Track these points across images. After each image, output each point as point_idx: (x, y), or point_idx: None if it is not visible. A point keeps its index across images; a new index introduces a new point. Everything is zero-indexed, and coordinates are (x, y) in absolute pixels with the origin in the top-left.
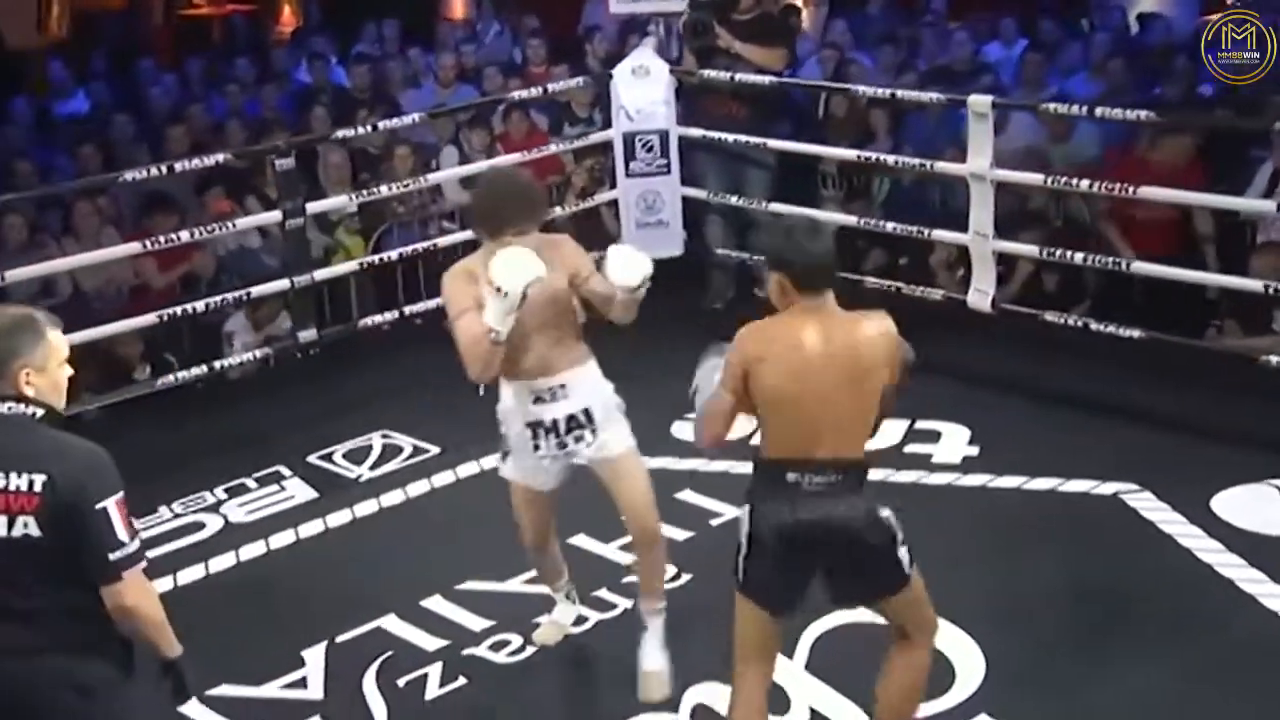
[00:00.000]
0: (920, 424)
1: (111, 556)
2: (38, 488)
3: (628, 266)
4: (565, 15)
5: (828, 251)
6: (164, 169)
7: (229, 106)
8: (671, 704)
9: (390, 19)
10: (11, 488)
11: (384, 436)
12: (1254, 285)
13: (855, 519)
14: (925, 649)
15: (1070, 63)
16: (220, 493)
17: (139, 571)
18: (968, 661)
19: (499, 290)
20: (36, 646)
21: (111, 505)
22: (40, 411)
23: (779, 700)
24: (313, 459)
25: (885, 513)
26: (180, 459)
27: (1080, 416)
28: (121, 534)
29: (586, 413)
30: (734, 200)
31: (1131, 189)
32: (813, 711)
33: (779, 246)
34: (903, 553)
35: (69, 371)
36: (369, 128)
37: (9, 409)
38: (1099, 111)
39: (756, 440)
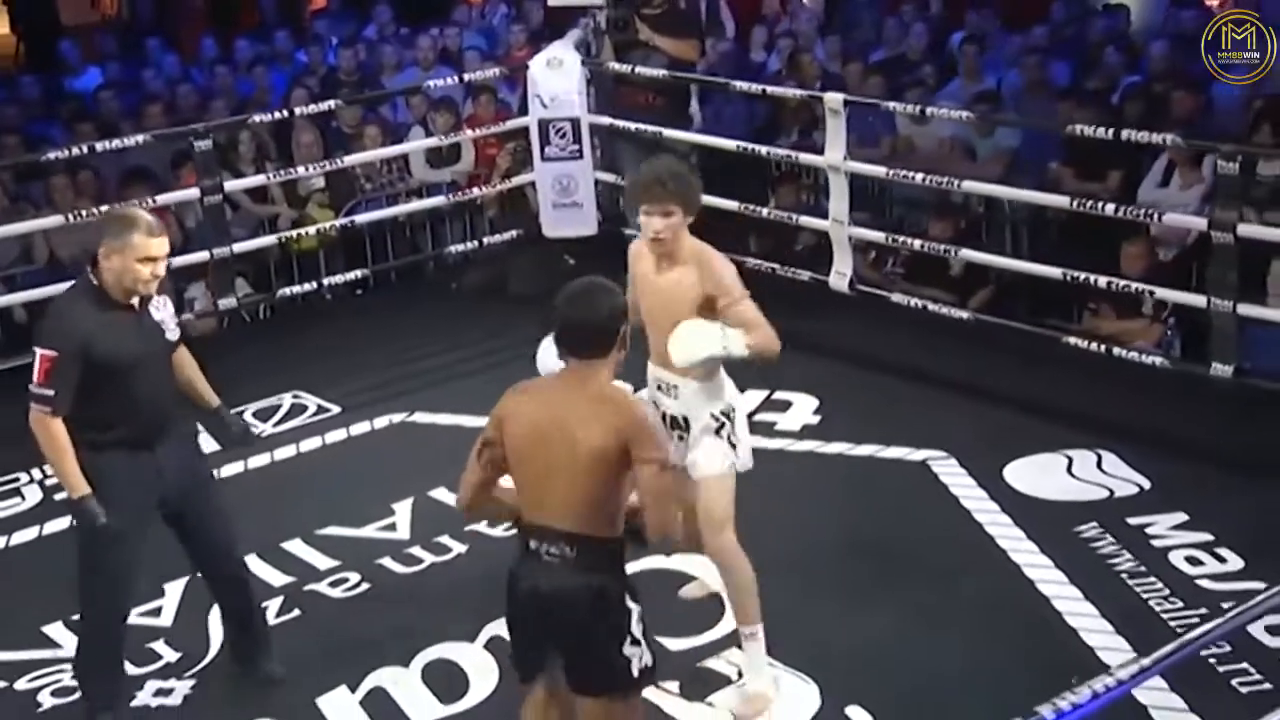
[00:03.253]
0: (777, 394)
1: (30, 388)
2: None
3: (685, 346)
4: None
5: (587, 320)
6: (85, 148)
7: (219, 85)
8: (469, 635)
9: (394, 4)
10: None
11: (294, 396)
12: (1053, 273)
13: (582, 600)
14: None
15: (1010, 54)
16: None
17: (39, 412)
18: None
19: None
20: None
21: (38, 354)
22: (97, 282)
23: None
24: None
25: (626, 604)
26: None
27: (915, 389)
28: (35, 378)
29: (685, 420)
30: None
31: (957, 182)
32: None
33: (562, 310)
34: (632, 656)
35: (153, 268)
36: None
37: (87, 272)
38: (945, 111)
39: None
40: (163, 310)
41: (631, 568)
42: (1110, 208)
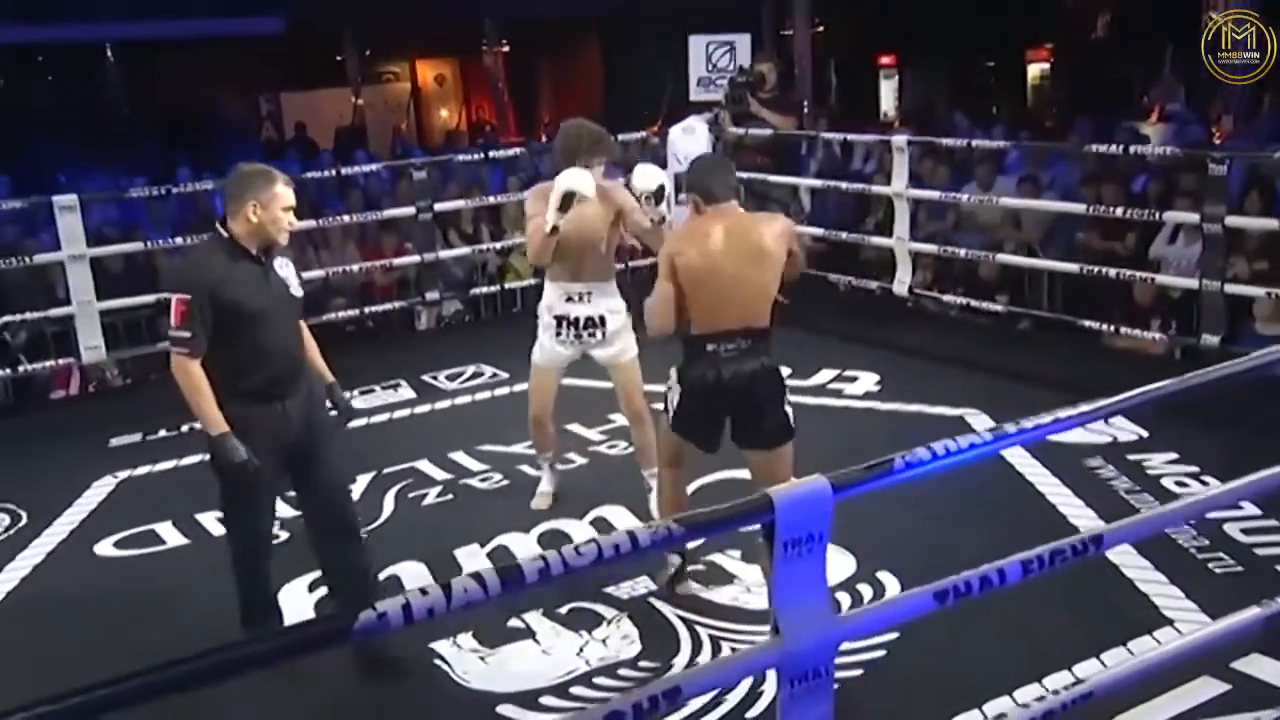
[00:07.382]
0: (847, 372)
1: (168, 333)
2: None
3: (645, 176)
4: None
5: (726, 178)
6: (330, 173)
7: (454, 175)
8: (579, 514)
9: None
10: None
11: (477, 366)
12: (1071, 268)
13: (758, 372)
14: None
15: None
16: (357, 391)
17: (178, 354)
18: None
19: (562, 191)
20: None
21: (173, 300)
22: (228, 235)
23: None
24: (425, 376)
25: (781, 374)
26: (355, 370)
27: (957, 369)
28: (172, 322)
29: (601, 318)
30: None
31: (995, 198)
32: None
33: (694, 176)
34: (789, 410)
35: (290, 218)
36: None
37: (218, 228)
38: (980, 142)
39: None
40: (286, 269)
41: None
42: (1118, 210)
